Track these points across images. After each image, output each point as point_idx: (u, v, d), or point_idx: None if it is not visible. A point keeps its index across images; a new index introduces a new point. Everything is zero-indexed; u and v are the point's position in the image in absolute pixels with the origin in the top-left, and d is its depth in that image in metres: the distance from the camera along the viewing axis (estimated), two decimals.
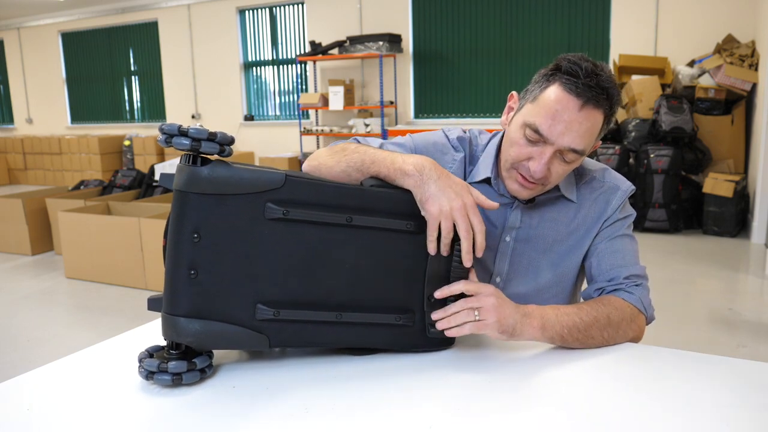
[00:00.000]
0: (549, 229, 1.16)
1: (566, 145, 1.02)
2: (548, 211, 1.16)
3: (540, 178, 1.05)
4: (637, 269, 1.12)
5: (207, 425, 0.79)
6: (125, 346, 1.03)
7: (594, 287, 1.13)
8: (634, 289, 1.09)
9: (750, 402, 0.82)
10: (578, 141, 1.02)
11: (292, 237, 0.90)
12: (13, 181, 9.38)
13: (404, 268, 0.96)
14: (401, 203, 0.95)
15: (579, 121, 1.01)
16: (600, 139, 1.10)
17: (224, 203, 0.87)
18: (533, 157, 1.05)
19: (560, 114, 1.01)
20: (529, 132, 1.04)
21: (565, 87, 1.01)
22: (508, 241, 1.17)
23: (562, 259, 1.16)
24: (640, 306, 1.08)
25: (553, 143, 1.02)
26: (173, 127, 0.85)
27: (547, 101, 1.03)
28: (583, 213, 1.16)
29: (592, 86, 1.00)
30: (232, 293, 0.89)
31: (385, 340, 0.97)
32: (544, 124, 1.02)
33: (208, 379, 0.91)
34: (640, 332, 1.07)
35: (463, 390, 0.87)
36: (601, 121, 1.04)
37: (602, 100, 1.01)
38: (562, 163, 1.05)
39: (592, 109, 1.01)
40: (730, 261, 4.03)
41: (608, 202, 1.16)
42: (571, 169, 1.09)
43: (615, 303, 1.05)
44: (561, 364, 0.96)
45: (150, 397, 0.86)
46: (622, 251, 1.13)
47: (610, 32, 5.91)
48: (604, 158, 4.88)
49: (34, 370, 0.95)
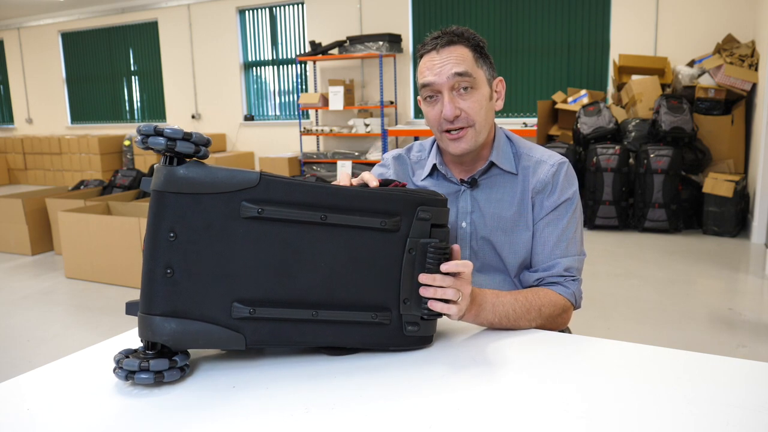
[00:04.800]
0: (498, 208, 1.26)
1: (449, 74, 1.16)
2: (495, 192, 1.27)
3: (456, 118, 1.18)
4: (576, 261, 1.23)
5: (207, 425, 0.79)
6: (125, 346, 1.03)
7: (534, 276, 1.24)
8: (570, 284, 1.22)
9: (750, 402, 0.82)
10: (456, 67, 1.17)
11: (268, 235, 0.91)
12: (13, 181, 9.38)
13: (380, 266, 0.97)
14: (375, 201, 0.95)
15: (445, 57, 1.18)
16: (498, 75, 1.26)
17: (200, 202, 0.88)
18: (441, 109, 1.19)
19: (431, 63, 1.19)
20: (425, 92, 1.21)
21: (423, 52, 1.22)
22: (465, 227, 1.28)
23: (517, 234, 1.26)
24: (573, 299, 1.22)
25: (441, 83, 1.18)
26: (149, 127, 0.86)
27: (421, 68, 1.22)
28: (521, 185, 1.26)
29: (438, 37, 1.20)
30: (208, 292, 0.90)
31: (362, 338, 0.97)
32: (426, 77, 1.19)
33: (209, 379, 0.91)
34: (567, 321, 1.23)
35: (464, 389, 0.87)
36: (467, 51, 1.19)
37: (454, 38, 1.19)
38: (464, 96, 1.19)
39: (447, 46, 1.19)
40: (730, 261, 4.03)
41: (536, 173, 1.25)
42: (479, 99, 1.19)
43: (550, 296, 1.17)
44: (560, 364, 0.96)
45: (150, 397, 0.86)
46: (565, 241, 1.23)
47: (610, 32, 5.91)
48: (604, 158, 4.89)
49: (33, 370, 0.95)
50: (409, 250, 0.97)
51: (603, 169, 4.89)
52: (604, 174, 4.89)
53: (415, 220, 0.97)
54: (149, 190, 0.90)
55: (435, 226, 0.98)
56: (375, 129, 6.71)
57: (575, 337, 1.09)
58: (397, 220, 0.96)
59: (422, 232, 0.97)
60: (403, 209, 0.97)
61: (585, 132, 5.15)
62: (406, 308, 0.98)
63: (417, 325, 0.99)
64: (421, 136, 6.30)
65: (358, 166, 6.80)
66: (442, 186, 1.30)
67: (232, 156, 7.63)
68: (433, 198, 0.98)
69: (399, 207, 0.97)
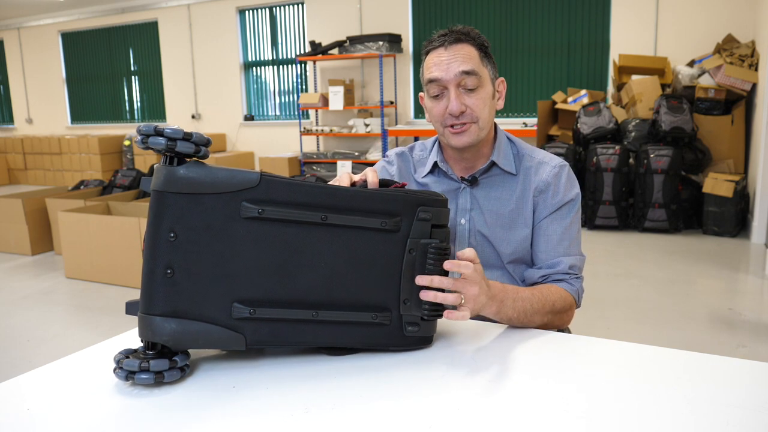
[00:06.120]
0: (497, 205, 1.29)
1: (456, 71, 1.19)
2: (494, 190, 1.30)
3: (461, 113, 1.21)
4: (578, 260, 1.26)
5: (207, 425, 0.79)
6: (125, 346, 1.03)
7: (539, 273, 1.25)
8: (574, 282, 1.25)
9: (750, 402, 0.82)
10: (464, 65, 1.19)
11: (268, 236, 0.91)
12: (13, 181, 9.38)
13: (380, 267, 0.97)
14: (376, 202, 0.95)
15: (452, 55, 1.20)
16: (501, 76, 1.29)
17: (200, 202, 0.88)
18: (447, 104, 1.21)
19: (438, 60, 1.21)
20: (431, 88, 1.23)
21: (430, 49, 1.24)
22: (464, 224, 1.30)
23: (514, 230, 1.28)
24: (577, 297, 1.24)
25: (448, 80, 1.20)
26: (150, 127, 0.86)
27: (427, 64, 1.24)
28: (521, 184, 1.29)
29: (446, 35, 1.22)
30: (209, 292, 0.90)
31: (362, 338, 0.98)
32: (434, 72, 1.21)
33: (209, 379, 0.91)
34: (571, 319, 1.25)
35: (464, 389, 0.87)
36: (474, 50, 1.22)
37: (462, 36, 1.21)
38: (470, 94, 1.21)
39: (455, 44, 1.21)
40: (730, 261, 4.03)
41: (538, 174, 1.28)
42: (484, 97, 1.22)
43: (561, 293, 1.20)
44: (560, 364, 0.96)
45: (150, 397, 0.86)
46: (568, 239, 1.26)
47: (610, 32, 5.91)
48: (604, 158, 4.88)
49: (33, 370, 0.95)
50: (410, 250, 0.97)
51: (603, 169, 4.89)
52: (604, 174, 4.89)
53: (416, 220, 0.97)
54: (149, 190, 0.90)
55: (435, 226, 0.99)
56: (375, 129, 6.70)
57: (575, 337, 1.09)
58: (398, 221, 0.96)
59: (423, 232, 0.97)
60: (403, 210, 0.97)
61: (585, 132, 5.15)
62: (406, 309, 0.98)
63: (417, 325, 0.99)
64: (421, 136, 6.31)
65: (358, 166, 6.80)
66: (443, 183, 1.33)
67: (232, 156, 7.63)
68: (433, 198, 0.99)
69: (399, 207, 0.97)
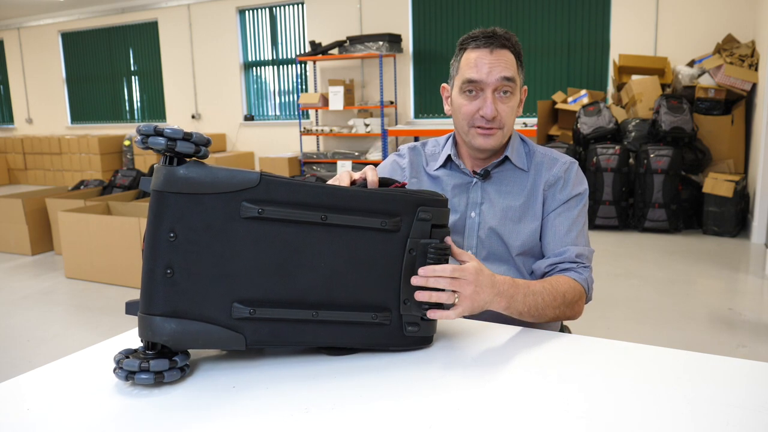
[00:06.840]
0: (508, 199, 1.31)
1: (497, 77, 1.21)
2: (505, 185, 1.32)
3: (493, 119, 1.23)
4: (586, 250, 1.27)
5: (207, 425, 0.79)
6: (125, 347, 1.03)
7: (546, 263, 1.26)
8: (582, 270, 1.25)
9: (750, 402, 0.82)
10: (505, 71, 1.22)
11: (268, 236, 0.91)
12: (13, 181, 9.38)
13: (380, 266, 0.97)
14: (376, 202, 0.95)
15: (496, 59, 1.22)
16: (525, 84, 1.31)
17: (200, 202, 0.88)
18: (480, 106, 1.23)
19: (480, 61, 1.22)
20: (467, 86, 1.24)
21: (473, 47, 1.24)
22: (474, 217, 1.32)
23: (524, 223, 1.29)
24: (586, 286, 1.23)
25: (488, 83, 1.22)
26: (149, 127, 0.86)
27: (468, 61, 1.24)
28: (532, 179, 1.31)
29: (490, 36, 1.23)
30: (208, 292, 0.90)
31: (362, 338, 0.97)
32: (474, 73, 1.22)
33: (209, 379, 0.91)
34: (581, 310, 1.24)
35: (463, 389, 0.87)
36: (512, 58, 1.24)
37: (505, 42, 1.23)
38: (504, 100, 1.24)
39: (499, 49, 1.22)
40: (730, 261, 4.03)
41: (549, 169, 1.31)
42: (514, 106, 1.25)
43: (569, 282, 1.20)
44: (561, 364, 0.96)
45: (150, 397, 0.86)
46: (575, 230, 1.28)
47: (610, 32, 5.91)
48: (604, 158, 4.88)
49: (33, 370, 0.95)
50: (410, 250, 0.97)
51: (603, 169, 4.89)
52: (604, 174, 4.89)
53: (416, 220, 0.97)
54: (149, 190, 0.90)
55: (435, 226, 0.99)
56: (375, 129, 6.70)
57: (575, 337, 1.09)
58: (398, 221, 0.96)
59: (423, 232, 0.98)
60: (403, 209, 0.97)
61: (585, 132, 5.15)
62: (406, 309, 0.98)
63: (417, 325, 0.99)
64: (421, 136, 6.30)
65: (358, 166, 6.80)
66: (455, 176, 1.35)
67: (232, 156, 7.63)
68: (433, 198, 0.99)
69: (399, 207, 0.97)
